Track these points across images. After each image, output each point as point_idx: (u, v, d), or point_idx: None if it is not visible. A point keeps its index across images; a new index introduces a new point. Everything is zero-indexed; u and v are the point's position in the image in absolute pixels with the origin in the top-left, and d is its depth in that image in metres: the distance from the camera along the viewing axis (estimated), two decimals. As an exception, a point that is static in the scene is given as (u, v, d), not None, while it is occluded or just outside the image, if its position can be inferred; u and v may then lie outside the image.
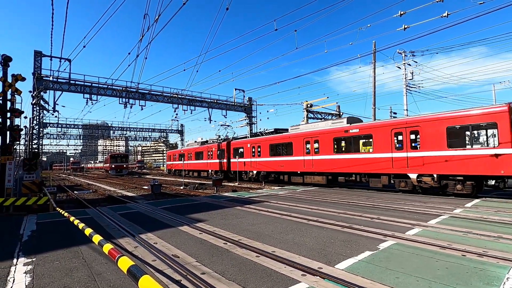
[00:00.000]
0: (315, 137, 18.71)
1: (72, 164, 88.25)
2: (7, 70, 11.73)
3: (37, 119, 26.02)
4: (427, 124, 13.30)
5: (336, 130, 17.51)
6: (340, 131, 17.28)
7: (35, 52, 24.06)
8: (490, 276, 3.98)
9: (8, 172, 11.16)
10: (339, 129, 17.36)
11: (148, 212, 9.99)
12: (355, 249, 5.33)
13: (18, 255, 5.43)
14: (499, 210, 9.21)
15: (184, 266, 4.57)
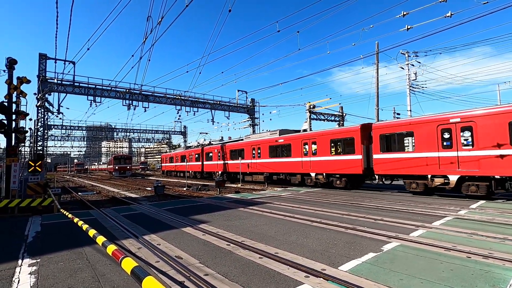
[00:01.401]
0: (258, 145, 23.71)
1: (76, 166, 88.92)
2: (13, 73, 11.87)
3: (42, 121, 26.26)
4: (321, 138, 18.59)
5: (271, 140, 22.55)
6: (272, 141, 22.27)
7: (40, 54, 24.30)
8: (495, 278, 3.94)
9: (13, 174, 11.26)
10: (272, 139, 22.39)
11: (151, 214, 10.02)
12: (358, 250, 5.30)
13: (23, 256, 5.48)
14: (504, 211, 9.12)
15: (187, 267, 4.58)
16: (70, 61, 23.73)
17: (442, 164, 12.78)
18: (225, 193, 17.55)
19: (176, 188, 23.20)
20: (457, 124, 12.47)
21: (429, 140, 13.21)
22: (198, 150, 34.06)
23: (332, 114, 32.28)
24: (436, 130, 13.01)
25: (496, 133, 11.33)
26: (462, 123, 12.33)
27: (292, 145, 20.36)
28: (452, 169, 12.44)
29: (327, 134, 18.23)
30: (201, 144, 37.37)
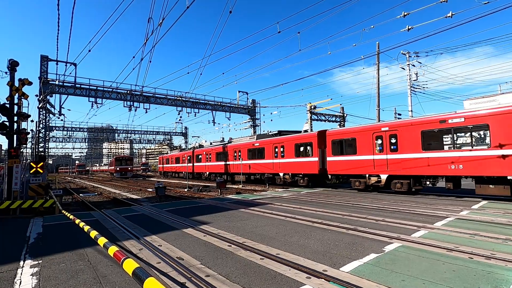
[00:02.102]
0: (239, 148, 26.27)
1: (78, 167, 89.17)
2: (14, 75, 11.91)
3: (43, 123, 26.35)
4: (287, 142, 20.81)
5: (249, 144, 25.10)
6: (250, 144, 24.85)
7: (41, 56, 24.41)
8: (498, 279, 3.92)
9: (15, 175, 11.29)
10: (250, 143, 24.98)
11: (152, 215, 10.03)
12: (360, 251, 5.29)
13: (24, 257, 5.49)
14: (506, 212, 9.08)
15: (189, 268, 4.58)
16: (72, 62, 23.84)
17: (376, 166, 15.23)
18: (226, 194, 17.55)
19: (177, 189, 23.21)
20: (387, 132, 14.83)
21: (367, 145, 15.63)
22: (190, 152, 36.76)
23: (333, 115, 32.28)
24: (372, 137, 15.41)
25: (412, 140, 13.73)
26: (390, 132, 14.68)
27: (266, 149, 22.95)
28: (383, 169, 14.90)
29: (292, 139, 20.60)
30: (193, 147, 40.46)
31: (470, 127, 12.20)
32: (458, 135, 12.77)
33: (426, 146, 13.33)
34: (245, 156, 25.10)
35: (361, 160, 15.81)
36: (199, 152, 34.37)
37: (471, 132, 12.45)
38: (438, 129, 12.98)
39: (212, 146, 33.26)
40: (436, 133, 13.21)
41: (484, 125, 11.66)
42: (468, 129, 12.43)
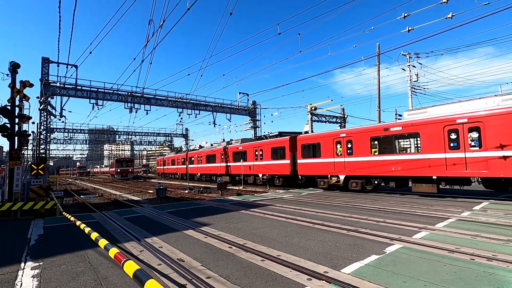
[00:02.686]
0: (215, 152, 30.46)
1: (79, 169, 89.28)
2: (16, 77, 11.95)
3: (45, 125, 26.40)
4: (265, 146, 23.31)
5: (234, 147, 27.55)
6: (235, 148, 27.26)
7: (42, 58, 24.49)
8: (500, 281, 3.90)
9: (16, 177, 11.31)
10: (235, 146, 27.48)
11: (153, 216, 10.02)
12: (361, 253, 5.28)
13: (25, 259, 5.49)
14: (508, 213, 9.05)
15: (189, 270, 4.58)
16: (73, 64, 23.90)
17: (336, 167, 17.12)
18: (226, 195, 17.54)
19: (178, 190, 23.21)
20: (344, 138, 16.77)
21: (329, 149, 17.59)
22: (184, 155, 39.44)
23: (333, 116, 32.29)
24: (333, 142, 17.36)
25: (364, 145, 15.63)
26: (347, 138, 16.62)
27: (248, 152, 25.23)
28: (342, 170, 16.80)
29: (269, 143, 22.88)
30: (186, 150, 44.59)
31: (406, 134, 14.31)
32: (398, 141, 15.14)
33: (374, 151, 15.65)
34: (231, 159, 27.53)
35: (324, 163, 17.93)
36: (192, 154, 36.81)
37: (407, 138, 14.96)
38: (383, 136, 15.06)
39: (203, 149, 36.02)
40: (381, 139, 15.60)
41: (416, 133, 13.62)
42: (404, 136, 14.81)
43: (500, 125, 11.11)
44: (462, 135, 12.16)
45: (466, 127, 12.07)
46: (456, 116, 12.41)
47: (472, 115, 11.98)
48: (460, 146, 12.16)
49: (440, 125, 12.74)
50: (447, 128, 12.57)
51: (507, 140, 10.89)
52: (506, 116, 10.98)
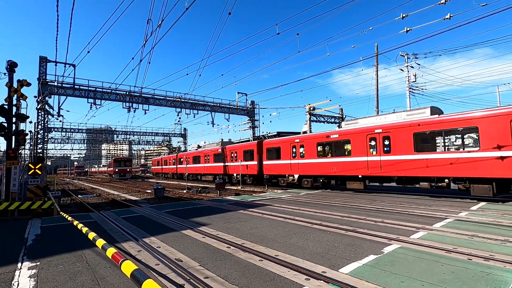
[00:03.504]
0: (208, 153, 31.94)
1: (76, 168, 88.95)
2: (13, 76, 11.89)
3: (42, 124, 26.27)
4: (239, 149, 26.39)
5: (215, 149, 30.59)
6: (216, 150, 30.42)
7: (40, 57, 24.35)
8: (497, 281, 3.92)
9: (13, 177, 11.25)
10: (216, 149, 30.57)
11: (151, 216, 10.00)
12: (359, 253, 5.29)
13: (22, 259, 5.46)
14: (505, 213, 9.10)
15: (188, 270, 4.57)
16: (71, 64, 23.77)
17: (292, 168, 20.23)
18: (225, 195, 17.52)
19: (176, 190, 23.16)
20: (298, 143, 19.95)
21: (287, 153, 20.71)
22: (174, 156, 43.05)
23: (332, 116, 32.32)
24: (290, 146, 20.48)
25: (312, 150, 18.95)
26: (300, 143, 19.83)
27: (226, 154, 28.17)
28: (296, 171, 19.86)
29: (241, 147, 26.20)
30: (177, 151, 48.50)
31: (342, 141, 17.27)
32: (335, 146, 17.90)
33: (319, 154, 18.68)
34: (212, 160, 30.71)
35: (283, 164, 21.04)
36: (181, 156, 40.35)
37: (342, 144, 17.57)
38: (325, 142, 18.23)
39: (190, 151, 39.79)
40: (324, 144, 18.70)
41: (348, 140, 16.70)
42: (341, 142, 17.49)
43: (401, 134, 14.20)
44: (379, 142, 15.17)
45: (381, 136, 15.03)
46: (375, 126, 15.43)
47: (385, 126, 14.91)
48: (377, 151, 15.13)
49: (364, 134, 15.72)
50: (369, 136, 15.54)
51: (407, 147, 13.92)
52: (405, 128, 14.06)
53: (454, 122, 12.66)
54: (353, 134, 16.29)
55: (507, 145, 10.91)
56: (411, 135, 13.78)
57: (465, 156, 12.21)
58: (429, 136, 13.92)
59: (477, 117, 11.93)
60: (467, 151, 12.47)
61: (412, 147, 13.71)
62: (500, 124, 11.21)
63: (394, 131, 14.45)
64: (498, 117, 11.34)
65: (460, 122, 12.47)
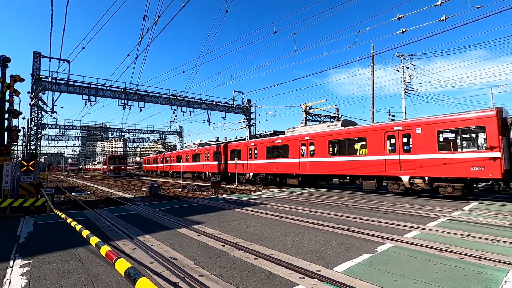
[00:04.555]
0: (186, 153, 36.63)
1: (70, 166, 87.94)
2: (6, 71, 11.71)
3: (35, 120, 25.94)
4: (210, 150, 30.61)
5: (192, 150, 35.35)
6: (193, 151, 34.80)
7: (34, 53, 24.02)
8: (488, 279, 3.98)
9: (6, 173, 11.10)
10: (193, 150, 35.30)
11: (146, 214, 9.95)
12: (353, 251, 5.32)
13: (14, 257, 5.40)
14: (496, 213, 9.23)
15: (182, 268, 4.55)
16: (65, 59, 23.49)
17: (248, 167, 24.22)
18: (220, 193, 17.50)
19: (171, 188, 23.07)
20: (253, 146, 24.05)
21: (245, 154, 24.77)
22: (162, 155, 46.47)
23: (328, 116, 32.43)
24: (247, 149, 24.56)
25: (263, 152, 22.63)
26: (254, 146, 23.68)
27: (201, 155, 32.40)
28: (252, 169, 23.89)
29: (213, 148, 29.96)
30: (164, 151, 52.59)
31: (283, 145, 20.93)
32: (280, 150, 21.33)
33: (268, 156, 22.22)
34: (191, 159, 35.00)
35: (242, 163, 24.85)
36: (167, 155, 43.99)
37: (283, 148, 20.95)
38: (272, 146, 22.01)
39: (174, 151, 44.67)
40: (271, 148, 22.10)
41: (286, 145, 20.55)
42: (282, 146, 21.07)
43: (321, 141, 18.12)
44: (307, 147, 18.99)
45: (308, 142, 18.97)
46: (305, 134, 19.35)
47: (311, 134, 18.94)
48: (305, 154, 19.14)
49: (297, 140, 19.70)
50: (300, 142, 19.46)
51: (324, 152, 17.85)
52: (323, 137, 17.93)
53: (353, 133, 16.47)
54: (290, 140, 20.39)
55: (384, 152, 14.81)
56: (327, 142, 17.70)
57: (359, 159, 16.02)
58: (338, 143, 17.58)
59: (366, 130, 15.79)
60: (360, 155, 16.14)
61: (327, 152, 17.70)
62: (379, 136, 15.06)
63: (317, 139, 18.39)
64: (378, 131, 15.22)
65: (356, 134, 16.30)
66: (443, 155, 12.68)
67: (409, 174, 13.77)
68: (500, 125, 11.46)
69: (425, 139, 13.33)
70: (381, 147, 14.95)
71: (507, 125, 11.60)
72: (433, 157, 13.02)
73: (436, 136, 12.98)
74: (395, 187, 14.61)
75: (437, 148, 12.88)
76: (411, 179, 13.80)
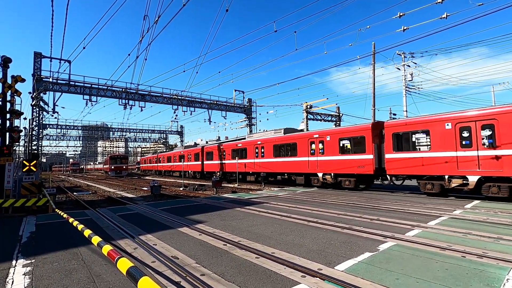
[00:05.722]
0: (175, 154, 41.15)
1: (72, 165, 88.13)
2: (7, 71, 11.72)
3: (37, 120, 26.02)
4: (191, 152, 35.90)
5: (178, 152, 40.25)
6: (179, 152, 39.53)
7: (35, 53, 24.07)
8: (490, 277, 3.98)
9: (8, 173, 11.13)
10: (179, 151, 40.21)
11: (147, 214, 9.97)
12: (355, 250, 5.32)
13: (17, 257, 5.42)
14: (498, 211, 9.22)
15: (184, 267, 4.56)
16: (66, 60, 23.55)
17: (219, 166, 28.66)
18: (221, 193, 17.51)
19: (172, 188, 23.11)
20: (222, 149, 28.47)
21: (216, 155, 29.28)
22: (156, 156, 51.47)
23: (329, 114, 32.40)
24: (218, 150, 28.92)
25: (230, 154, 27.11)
26: (224, 148, 27.97)
27: (185, 155, 36.94)
28: (222, 168, 28.04)
29: (192, 151, 35.18)
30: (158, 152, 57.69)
31: (243, 148, 25.44)
32: (242, 152, 25.53)
33: (234, 157, 26.07)
34: (178, 160, 39.28)
35: (214, 164, 29.52)
36: (160, 156, 48.72)
37: (244, 151, 25.32)
38: (236, 148, 26.27)
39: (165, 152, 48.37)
40: (236, 151, 26.33)
41: (245, 148, 25.12)
42: (244, 149, 25.32)
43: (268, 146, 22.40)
44: (259, 150, 23.47)
45: (260, 146, 23.35)
46: (258, 140, 23.84)
47: (262, 139, 23.46)
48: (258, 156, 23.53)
49: (253, 144, 24.17)
50: (255, 146, 23.94)
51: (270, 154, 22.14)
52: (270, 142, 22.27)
53: (289, 139, 20.67)
54: (248, 144, 24.97)
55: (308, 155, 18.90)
56: (272, 146, 22.01)
57: (292, 160, 20.13)
58: (280, 147, 21.47)
59: (296, 137, 19.95)
60: (293, 157, 20.13)
61: (272, 154, 21.99)
62: (305, 142, 19.11)
63: (266, 144, 22.78)
64: (304, 138, 19.30)
65: (291, 140, 20.42)
66: (342, 157, 16.87)
67: (323, 171, 17.96)
68: (376, 135, 15.41)
69: (332, 145, 17.46)
70: (306, 151, 19.11)
71: (382, 134, 15.21)
72: (336, 159, 17.22)
73: (338, 143, 17.14)
74: (315, 181, 18.77)
75: (339, 151, 17.04)
76: (324, 175, 17.92)
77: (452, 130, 12.35)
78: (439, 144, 12.68)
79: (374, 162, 15.12)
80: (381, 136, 15.23)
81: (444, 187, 12.72)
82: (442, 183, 12.75)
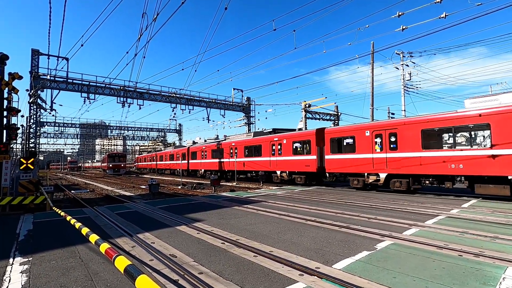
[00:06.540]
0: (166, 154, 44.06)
1: (70, 163, 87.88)
2: (4, 69, 11.64)
3: (34, 118, 25.88)
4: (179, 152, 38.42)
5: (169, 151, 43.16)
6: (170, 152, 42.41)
7: (32, 50, 23.92)
8: (486, 276, 4.00)
9: (5, 171, 11.07)
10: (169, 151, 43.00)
11: (145, 212, 9.96)
12: (352, 249, 5.34)
13: (14, 255, 5.40)
14: (495, 210, 9.27)
15: (182, 265, 4.57)
16: (64, 57, 23.38)
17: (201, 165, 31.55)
18: (220, 191, 17.52)
19: (170, 186, 23.09)
20: (203, 150, 31.18)
21: (199, 155, 31.95)
22: (154, 154, 53.17)
23: (327, 113, 32.42)
24: (201, 151, 31.81)
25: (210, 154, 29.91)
26: (205, 149, 31.02)
27: (174, 155, 39.84)
28: (203, 167, 31.24)
29: (180, 151, 37.62)
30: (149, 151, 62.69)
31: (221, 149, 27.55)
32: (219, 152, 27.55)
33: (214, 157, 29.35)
34: (168, 159, 42.45)
35: (197, 162, 32.34)
36: (153, 155, 52.46)
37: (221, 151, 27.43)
38: (216, 149, 28.44)
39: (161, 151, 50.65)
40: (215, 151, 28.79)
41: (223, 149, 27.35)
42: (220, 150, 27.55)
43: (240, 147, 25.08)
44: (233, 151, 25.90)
45: (234, 147, 25.65)
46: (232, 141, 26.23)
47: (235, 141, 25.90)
48: (233, 156, 25.88)
49: (228, 146, 26.41)
50: (230, 147, 26.25)
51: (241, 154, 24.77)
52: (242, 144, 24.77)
53: (255, 141, 23.28)
54: (225, 145, 26.85)
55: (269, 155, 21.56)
56: (243, 148, 24.62)
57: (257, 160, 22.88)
58: (249, 148, 24.16)
59: (260, 140, 22.70)
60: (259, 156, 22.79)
61: (243, 154, 24.52)
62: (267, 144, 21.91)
63: (238, 145, 25.22)
64: (267, 141, 21.97)
65: (256, 142, 23.16)
66: (295, 157, 19.34)
67: (280, 170, 20.59)
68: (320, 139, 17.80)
69: (287, 147, 19.98)
70: (268, 152, 21.78)
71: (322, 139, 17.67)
72: (290, 159, 19.71)
73: (292, 145, 19.62)
74: (275, 178, 21.30)
75: (292, 153, 19.53)
76: (281, 172, 20.55)
77: (370, 137, 15.07)
78: (361, 148, 15.41)
79: (317, 162, 17.90)
80: (323, 140, 17.78)
81: (365, 183, 15.49)
82: (363, 179, 15.53)
